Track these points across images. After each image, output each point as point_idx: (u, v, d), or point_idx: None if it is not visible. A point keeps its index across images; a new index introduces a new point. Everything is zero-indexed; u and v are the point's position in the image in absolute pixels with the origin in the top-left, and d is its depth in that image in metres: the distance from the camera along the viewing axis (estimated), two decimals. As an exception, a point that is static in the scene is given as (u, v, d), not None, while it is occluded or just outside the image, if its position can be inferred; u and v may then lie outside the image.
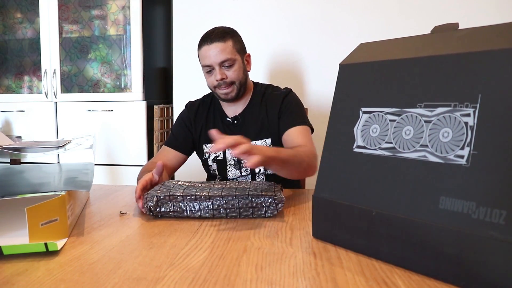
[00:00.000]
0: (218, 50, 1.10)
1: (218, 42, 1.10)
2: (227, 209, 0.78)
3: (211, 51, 1.10)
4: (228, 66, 1.12)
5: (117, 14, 2.08)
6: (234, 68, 1.13)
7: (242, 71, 1.15)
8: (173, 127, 1.27)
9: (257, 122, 1.18)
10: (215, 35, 1.11)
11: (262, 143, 1.16)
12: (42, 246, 0.58)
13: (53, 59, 2.12)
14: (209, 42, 1.11)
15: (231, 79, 1.13)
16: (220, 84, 1.13)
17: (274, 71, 1.87)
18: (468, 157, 0.47)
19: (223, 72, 1.12)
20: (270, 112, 1.17)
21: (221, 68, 1.12)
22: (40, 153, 0.82)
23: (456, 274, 0.47)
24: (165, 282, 0.49)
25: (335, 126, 0.65)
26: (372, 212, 0.56)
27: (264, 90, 1.23)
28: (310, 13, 1.82)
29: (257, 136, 1.17)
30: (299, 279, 0.50)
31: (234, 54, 1.13)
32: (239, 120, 1.19)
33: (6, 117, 2.21)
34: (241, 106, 1.21)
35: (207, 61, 1.12)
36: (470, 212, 0.46)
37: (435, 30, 0.59)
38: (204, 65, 1.14)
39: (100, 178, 2.10)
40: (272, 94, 1.21)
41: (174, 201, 0.78)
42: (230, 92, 1.14)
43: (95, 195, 0.98)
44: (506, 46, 0.46)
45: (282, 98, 1.18)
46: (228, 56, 1.11)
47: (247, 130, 1.17)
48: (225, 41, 1.11)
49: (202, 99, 1.28)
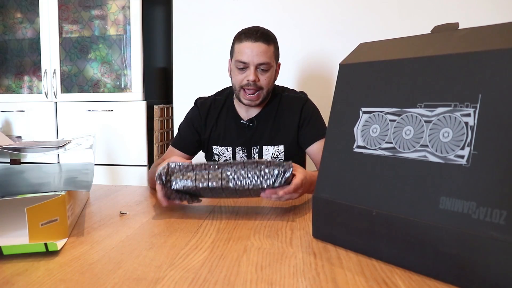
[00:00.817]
0: (261, 50, 1.06)
1: (263, 43, 1.06)
2: (236, 178, 0.77)
3: (254, 49, 1.06)
4: (263, 70, 1.08)
5: (117, 14, 2.08)
6: (268, 74, 1.09)
7: (273, 79, 1.12)
8: (181, 126, 1.23)
9: (272, 126, 1.15)
10: (261, 34, 1.07)
11: (274, 149, 1.15)
12: (42, 246, 0.58)
13: (53, 59, 2.12)
14: (254, 40, 1.06)
15: (262, 84, 1.09)
16: (249, 85, 1.08)
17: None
18: (468, 157, 0.47)
19: (257, 74, 1.08)
20: (287, 118, 1.15)
21: (256, 69, 1.08)
22: (40, 153, 0.82)
23: (456, 274, 0.47)
24: (165, 282, 0.49)
25: (335, 126, 0.65)
26: (372, 212, 0.56)
27: (280, 92, 1.20)
28: (310, 13, 1.82)
29: (270, 141, 1.15)
30: (299, 279, 0.50)
31: (272, 60, 1.10)
32: (254, 123, 1.16)
33: (6, 117, 2.21)
34: (257, 109, 1.17)
35: (245, 57, 1.07)
36: (470, 212, 0.46)
37: (435, 30, 0.59)
38: (240, 60, 1.08)
39: (100, 178, 2.10)
40: (289, 97, 1.19)
41: (184, 170, 0.78)
42: (255, 100, 1.10)
43: (95, 195, 0.98)
44: (506, 46, 0.46)
45: (302, 106, 1.16)
46: (267, 60, 1.07)
47: (262, 134, 1.15)
48: (269, 45, 1.08)
49: (214, 98, 1.23)
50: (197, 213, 0.82)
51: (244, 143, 1.16)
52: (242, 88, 1.10)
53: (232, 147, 1.17)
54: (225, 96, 1.22)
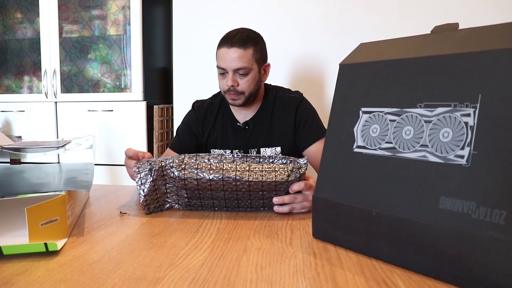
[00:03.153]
0: (236, 56, 1.05)
1: (238, 48, 1.05)
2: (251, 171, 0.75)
3: (229, 55, 1.06)
4: (242, 74, 1.07)
5: (117, 14, 2.08)
6: (248, 78, 1.08)
7: (255, 82, 1.10)
8: (179, 129, 1.24)
9: (268, 128, 1.16)
10: (237, 39, 1.06)
11: (272, 151, 1.15)
12: (42, 246, 0.58)
13: (53, 59, 2.12)
14: (229, 45, 1.06)
15: (242, 88, 1.09)
16: (229, 90, 1.09)
17: (274, 71, 1.86)
18: (468, 157, 0.47)
19: (236, 79, 1.08)
20: (282, 120, 1.15)
21: (234, 74, 1.07)
22: (40, 153, 0.82)
23: (456, 274, 0.47)
24: (165, 282, 0.49)
25: (335, 126, 0.65)
26: (372, 212, 0.56)
27: (275, 93, 1.19)
28: (310, 13, 1.82)
29: (267, 143, 1.15)
30: (299, 279, 0.50)
31: (251, 64, 1.08)
32: (250, 126, 1.17)
33: (6, 117, 2.21)
34: (252, 111, 1.18)
35: (222, 63, 1.08)
36: (470, 212, 0.46)
37: (435, 30, 0.59)
38: (219, 66, 1.09)
39: (100, 178, 2.10)
40: (283, 98, 1.18)
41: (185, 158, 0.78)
42: (237, 100, 1.11)
43: (95, 195, 0.98)
44: (506, 46, 0.46)
45: (296, 107, 1.15)
46: (244, 65, 1.06)
47: (258, 136, 1.16)
48: (246, 49, 1.06)
49: (210, 101, 1.23)
50: (197, 213, 0.82)
51: (241, 146, 1.17)
52: (225, 93, 1.12)
53: (230, 149, 1.18)
54: (220, 99, 1.22)
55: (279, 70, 1.87)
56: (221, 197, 0.78)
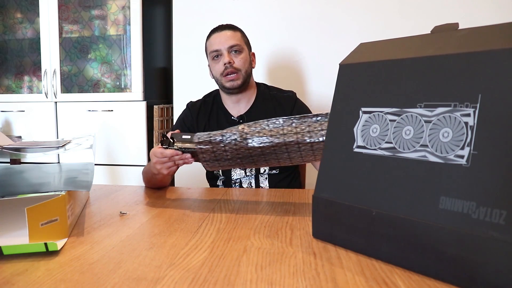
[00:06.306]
0: (228, 35, 1.15)
1: (228, 30, 1.17)
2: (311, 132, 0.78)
3: (221, 37, 1.15)
4: (236, 51, 1.15)
5: (117, 14, 2.08)
6: (242, 55, 1.16)
7: (248, 62, 1.18)
8: (173, 127, 1.27)
9: None
10: (225, 25, 1.18)
11: None
12: (42, 246, 0.58)
13: (53, 59, 2.12)
14: (220, 30, 1.17)
15: (238, 65, 1.15)
16: (226, 68, 1.14)
17: (274, 71, 1.87)
18: (468, 157, 0.47)
19: (231, 56, 1.15)
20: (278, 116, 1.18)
21: (229, 53, 1.15)
22: (40, 153, 0.82)
23: (456, 274, 0.47)
24: (165, 282, 0.49)
25: (335, 126, 0.65)
26: (372, 212, 0.56)
27: (268, 91, 1.24)
28: (310, 13, 1.82)
29: None
30: (299, 279, 0.50)
31: (243, 44, 1.18)
32: (244, 119, 1.19)
33: (6, 117, 2.21)
34: (245, 105, 1.22)
35: (216, 45, 1.16)
36: (470, 212, 0.46)
37: (435, 30, 0.59)
38: (212, 50, 1.17)
39: (100, 178, 2.10)
40: (278, 96, 1.22)
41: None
42: (237, 79, 1.15)
43: (95, 195, 0.98)
44: (506, 46, 0.46)
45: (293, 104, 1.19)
46: (237, 42, 1.15)
47: None
48: (235, 31, 1.18)
49: (203, 100, 1.28)
50: (197, 213, 0.82)
51: None
52: (222, 76, 1.16)
53: None
54: (213, 97, 1.27)
55: (279, 70, 1.87)
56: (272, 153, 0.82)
